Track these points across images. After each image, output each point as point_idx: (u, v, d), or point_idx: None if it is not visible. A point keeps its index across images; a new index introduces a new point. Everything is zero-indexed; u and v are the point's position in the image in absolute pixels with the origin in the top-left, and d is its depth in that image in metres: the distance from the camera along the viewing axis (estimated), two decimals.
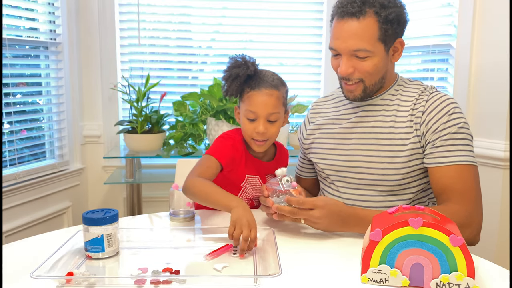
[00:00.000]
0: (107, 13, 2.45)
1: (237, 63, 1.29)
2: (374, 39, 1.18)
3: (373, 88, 1.25)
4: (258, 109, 1.27)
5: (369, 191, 1.27)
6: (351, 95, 1.27)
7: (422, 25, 2.28)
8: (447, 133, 1.18)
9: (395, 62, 1.28)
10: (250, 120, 1.29)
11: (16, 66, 2.15)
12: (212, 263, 0.99)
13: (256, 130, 1.28)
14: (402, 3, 1.23)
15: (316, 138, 1.39)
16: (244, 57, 1.30)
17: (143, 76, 2.38)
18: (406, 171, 1.22)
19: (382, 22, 1.18)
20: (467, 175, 1.16)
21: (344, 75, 1.23)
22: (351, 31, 1.18)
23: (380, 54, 1.20)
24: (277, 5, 2.57)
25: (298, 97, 2.40)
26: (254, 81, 1.29)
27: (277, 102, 1.29)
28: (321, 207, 1.11)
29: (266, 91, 1.27)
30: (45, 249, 1.02)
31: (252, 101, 1.28)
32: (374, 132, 1.26)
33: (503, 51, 1.86)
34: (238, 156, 1.33)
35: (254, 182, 1.37)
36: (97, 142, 2.54)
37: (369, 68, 1.20)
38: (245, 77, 1.28)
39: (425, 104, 1.22)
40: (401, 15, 1.21)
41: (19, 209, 2.09)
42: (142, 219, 1.38)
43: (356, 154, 1.28)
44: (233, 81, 1.29)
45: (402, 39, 1.24)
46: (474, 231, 1.16)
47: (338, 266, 0.98)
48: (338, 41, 1.21)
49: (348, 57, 1.21)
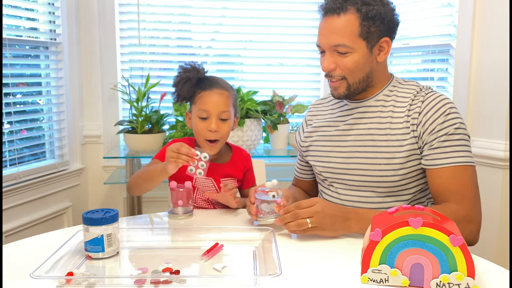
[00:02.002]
0: (107, 13, 2.45)
1: (187, 69, 1.35)
2: (354, 35, 1.20)
3: (358, 86, 1.26)
4: (210, 107, 1.32)
5: (367, 193, 1.27)
6: (335, 92, 1.29)
7: (422, 25, 2.28)
8: (443, 134, 1.18)
9: (382, 61, 1.27)
10: (202, 119, 1.33)
11: (16, 66, 2.15)
12: (212, 263, 0.99)
13: (209, 128, 1.32)
14: (390, 4, 1.25)
15: (314, 141, 1.39)
16: (194, 63, 1.36)
17: (143, 76, 2.38)
18: (403, 172, 1.22)
19: (363, 18, 1.20)
20: (465, 176, 1.17)
21: (326, 71, 1.26)
22: (332, 27, 1.22)
23: (361, 51, 1.22)
24: (277, 5, 2.57)
25: (298, 97, 2.40)
26: (205, 84, 1.35)
27: (228, 101, 1.34)
28: (320, 201, 1.13)
29: (217, 90, 1.34)
30: (45, 249, 1.02)
31: (204, 100, 1.33)
32: (370, 133, 1.26)
33: (503, 51, 1.85)
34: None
35: (207, 183, 1.39)
36: (97, 142, 2.54)
37: (349, 64, 1.22)
38: (196, 79, 1.34)
39: (421, 104, 1.22)
40: (385, 14, 1.21)
41: (19, 209, 2.09)
42: (142, 219, 1.38)
43: (353, 156, 1.28)
44: (184, 84, 1.34)
45: (388, 39, 1.24)
46: (474, 231, 1.16)
47: (338, 266, 0.98)
48: (321, 37, 1.25)
49: (330, 53, 1.24)
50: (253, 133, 2.24)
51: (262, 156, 2.29)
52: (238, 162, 1.45)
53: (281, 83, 2.61)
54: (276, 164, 2.65)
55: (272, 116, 2.33)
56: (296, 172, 1.54)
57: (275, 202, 1.17)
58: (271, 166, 2.61)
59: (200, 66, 1.37)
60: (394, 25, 1.25)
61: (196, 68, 1.35)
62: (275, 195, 1.17)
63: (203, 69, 1.37)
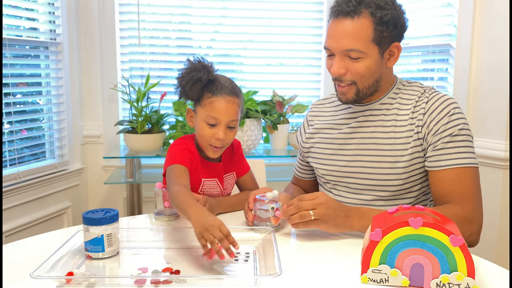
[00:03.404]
0: (107, 13, 2.45)
1: (197, 67, 1.27)
2: (367, 40, 1.16)
3: (367, 92, 1.23)
4: (221, 115, 1.26)
5: (369, 196, 1.26)
6: (343, 97, 1.25)
7: (422, 25, 2.28)
8: (447, 135, 1.17)
9: (391, 66, 1.25)
10: (210, 126, 1.27)
11: (16, 66, 2.15)
12: (212, 263, 0.99)
13: (216, 136, 1.26)
14: (401, 7, 1.21)
15: (316, 143, 1.38)
16: (203, 61, 1.28)
17: (143, 76, 2.38)
18: (406, 175, 1.21)
19: (377, 23, 1.16)
20: (468, 178, 1.15)
21: (336, 75, 1.22)
22: (344, 31, 1.17)
23: (374, 56, 1.18)
24: (277, 5, 2.57)
25: (298, 97, 2.40)
26: (215, 87, 1.26)
27: (238, 109, 1.29)
28: (323, 194, 1.12)
29: (228, 98, 1.26)
30: (45, 249, 1.02)
31: (214, 107, 1.25)
32: (374, 137, 1.25)
33: (503, 51, 1.86)
34: (194, 160, 1.33)
35: (212, 185, 1.37)
36: (97, 142, 2.54)
37: (361, 69, 1.18)
38: (206, 81, 1.26)
39: (425, 105, 1.21)
40: (398, 19, 1.18)
41: (19, 209, 2.09)
42: (142, 219, 1.38)
43: (357, 159, 1.26)
44: (194, 84, 1.25)
45: (399, 44, 1.22)
46: (474, 233, 1.15)
47: (338, 266, 0.98)
48: (331, 40, 1.20)
49: (340, 57, 1.19)
50: (253, 133, 2.24)
51: (262, 156, 2.29)
52: (232, 154, 1.43)
53: (281, 83, 2.61)
54: (276, 164, 2.66)
55: (272, 116, 2.33)
56: (297, 171, 1.53)
57: (273, 213, 1.17)
58: (271, 166, 2.61)
59: (211, 64, 1.29)
60: (404, 30, 1.22)
61: (206, 67, 1.27)
62: (273, 207, 1.17)
63: (212, 68, 1.28)
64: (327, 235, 1.15)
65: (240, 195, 1.43)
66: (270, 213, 1.17)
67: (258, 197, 1.19)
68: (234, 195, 1.43)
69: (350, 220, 1.11)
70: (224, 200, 1.37)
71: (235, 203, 1.37)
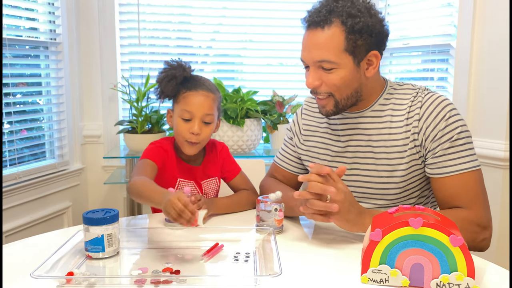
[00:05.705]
0: (107, 13, 2.45)
1: (173, 66, 1.31)
2: (339, 50, 1.12)
3: (346, 103, 1.18)
4: (194, 109, 1.28)
5: (369, 205, 1.25)
6: (323, 110, 1.22)
7: (422, 25, 2.28)
8: (446, 141, 1.13)
9: (370, 76, 1.18)
10: (185, 120, 1.29)
11: (16, 66, 2.15)
12: (212, 263, 0.99)
13: (191, 130, 1.28)
14: (380, 14, 1.16)
15: (312, 147, 1.34)
16: (180, 61, 1.32)
17: (143, 76, 2.38)
18: (405, 184, 1.20)
19: (349, 32, 1.11)
20: (473, 182, 1.13)
21: (311, 87, 1.19)
22: (315, 41, 1.14)
23: (348, 66, 1.14)
24: (277, 5, 2.57)
25: (298, 97, 2.40)
26: (190, 83, 1.30)
27: (213, 104, 1.31)
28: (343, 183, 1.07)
29: (202, 92, 1.29)
30: (45, 249, 1.02)
31: (188, 101, 1.29)
32: (370, 145, 1.22)
33: (503, 51, 1.86)
34: (169, 158, 1.33)
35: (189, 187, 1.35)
36: (97, 142, 2.54)
37: (335, 81, 1.15)
38: (181, 78, 1.30)
39: (419, 111, 1.16)
40: (373, 26, 1.12)
41: (19, 209, 2.09)
42: (142, 219, 1.38)
43: (354, 167, 1.24)
44: (169, 81, 1.29)
45: (377, 52, 1.16)
46: (488, 237, 1.13)
47: (338, 266, 0.98)
48: (305, 52, 1.17)
49: (314, 68, 1.16)
50: (253, 133, 2.24)
51: (262, 156, 2.29)
52: (215, 158, 1.42)
53: (281, 83, 2.61)
54: None
55: (272, 116, 2.33)
56: (284, 162, 1.41)
57: (277, 215, 1.16)
58: None
59: (187, 64, 1.32)
60: (383, 37, 1.16)
61: (182, 65, 1.30)
62: (277, 209, 1.16)
63: (189, 67, 1.32)
64: (327, 235, 1.15)
65: (234, 196, 1.42)
66: (273, 214, 1.16)
67: (260, 199, 1.19)
68: (228, 196, 1.42)
69: (363, 217, 1.08)
70: (217, 200, 1.36)
71: (229, 204, 1.36)
